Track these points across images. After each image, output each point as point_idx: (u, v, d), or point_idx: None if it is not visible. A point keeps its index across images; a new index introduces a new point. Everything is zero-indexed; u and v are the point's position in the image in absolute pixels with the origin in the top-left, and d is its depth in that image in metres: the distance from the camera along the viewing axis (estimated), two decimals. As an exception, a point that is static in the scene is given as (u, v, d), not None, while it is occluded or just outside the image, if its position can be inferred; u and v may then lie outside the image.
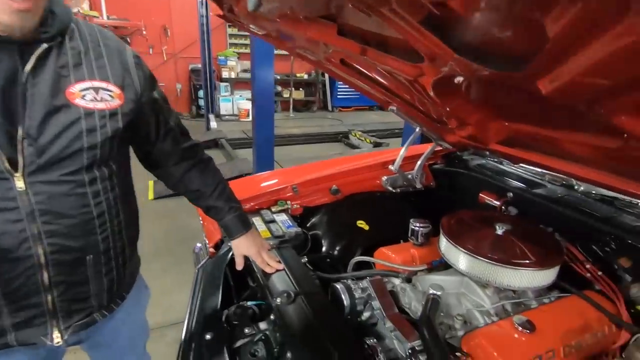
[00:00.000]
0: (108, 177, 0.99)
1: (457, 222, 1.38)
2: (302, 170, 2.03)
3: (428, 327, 0.98)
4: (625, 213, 1.38)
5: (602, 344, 1.14)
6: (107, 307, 1.08)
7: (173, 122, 1.14)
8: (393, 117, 1.93)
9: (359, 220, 1.72)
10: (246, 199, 1.73)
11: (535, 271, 1.12)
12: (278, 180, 1.90)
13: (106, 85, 0.91)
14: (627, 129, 0.79)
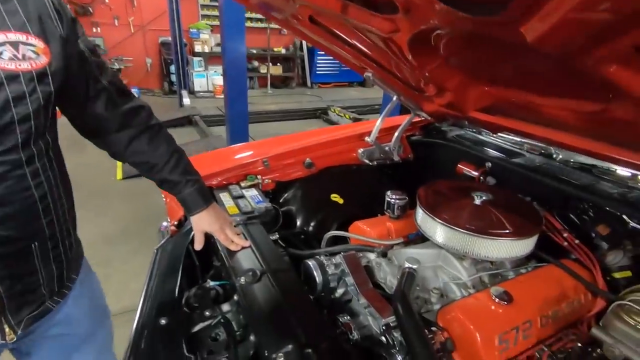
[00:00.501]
0: (45, 153, 0.85)
1: (434, 193, 1.32)
2: (274, 143, 1.92)
3: (402, 302, 0.92)
4: (604, 180, 1.35)
5: (578, 312, 1.12)
6: (58, 293, 0.97)
7: (106, 80, 0.95)
8: (373, 93, 1.85)
9: (333, 194, 1.64)
10: (213, 174, 1.62)
11: (513, 241, 1.08)
12: (249, 153, 1.79)
13: (25, 38, 0.75)
14: (615, 81, 0.72)
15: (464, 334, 0.94)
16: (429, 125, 2.09)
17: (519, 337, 0.97)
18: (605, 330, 0.90)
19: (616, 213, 1.18)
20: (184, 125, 6.30)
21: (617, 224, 1.16)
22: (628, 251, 1.16)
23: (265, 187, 1.71)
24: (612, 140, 1.11)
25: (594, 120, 1.04)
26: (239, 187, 1.58)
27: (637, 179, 1.32)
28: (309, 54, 9.94)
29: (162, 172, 1.08)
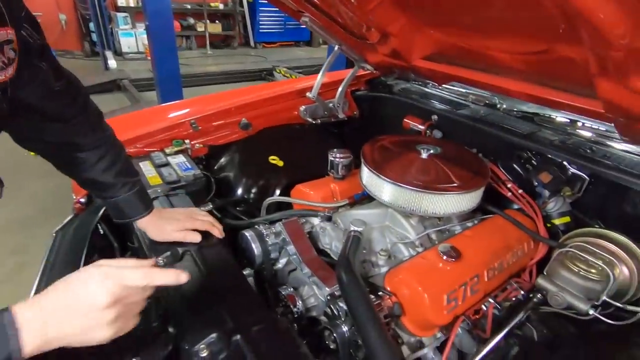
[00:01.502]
0: None
1: (379, 149, 1.22)
2: (204, 102, 1.69)
3: (345, 269, 0.83)
4: (545, 128, 1.34)
5: (522, 261, 1.12)
6: None
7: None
8: (321, 52, 1.67)
9: (272, 156, 1.49)
10: (130, 140, 1.39)
11: (461, 195, 1.02)
12: (177, 114, 1.55)
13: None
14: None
15: (412, 296, 0.88)
16: (375, 79, 1.97)
17: (467, 293, 0.94)
18: (549, 279, 0.89)
19: (557, 160, 1.17)
20: (112, 91, 5.63)
21: (558, 170, 1.15)
22: (567, 197, 1.17)
23: (196, 153, 1.51)
24: (555, 84, 1.07)
25: (539, 62, 0.98)
26: (163, 155, 1.37)
27: (576, 125, 1.32)
28: (250, 10, 9.23)
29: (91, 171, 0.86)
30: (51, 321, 0.51)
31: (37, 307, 0.52)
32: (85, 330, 0.53)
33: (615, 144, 1.20)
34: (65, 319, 0.52)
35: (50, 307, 0.52)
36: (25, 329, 0.49)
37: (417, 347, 0.93)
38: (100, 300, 0.53)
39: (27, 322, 0.50)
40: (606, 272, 0.85)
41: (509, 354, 1.04)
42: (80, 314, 0.53)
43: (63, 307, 0.52)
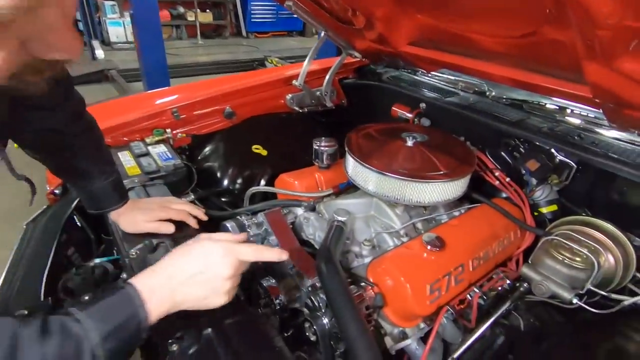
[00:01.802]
0: None
1: (364, 137, 1.19)
2: (186, 90, 1.65)
3: (325, 260, 0.80)
4: (534, 116, 1.31)
5: (508, 250, 1.11)
6: None
7: None
8: (313, 42, 1.61)
9: (255, 145, 1.45)
10: (110, 128, 1.34)
11: (446, 183, 1.00)
12: (157, 103, 1.50)
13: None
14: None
15: (394, 287, 0.86)
16: (364, 67, 1.93)
17: (451, 283, 0.92)
18: (534, 268, 0.87)
19: (545, 147, 1.14)
20: (100, 82, 5.50)
21: (545, 158, 1.13)
22: (555, 185, 1.15)
23: (179, 143, 1.47)
24: (542, 69, 1.04)
25: (525, 46, 0.95)
26: (143, 144, 1.33)
27: (565, 112, 1.30)
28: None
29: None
30: (179, 288, 0.58)
31: (164, 276, 0.58)
32: (208, 297, 0.61)
33: (604, 131, 1.18)
34: (192, 286, 0.59)
35: (178, 276, 0.58)
36: (154, 297, 0.56)
37: (400, 338, 0.91)
38: (224, 271, 0.61)
39: (154, 291, 0.56)
40: (591, 261, 0.83)
41: (495, 344, 1.03)
42: (205, 282, 0.60)
43: (190, 275, 0.59)
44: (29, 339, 0.45)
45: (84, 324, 0.49)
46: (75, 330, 0.48)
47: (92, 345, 0.48)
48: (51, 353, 0.45)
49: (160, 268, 0.60)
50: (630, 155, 1.05)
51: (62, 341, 0.47)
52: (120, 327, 0.52)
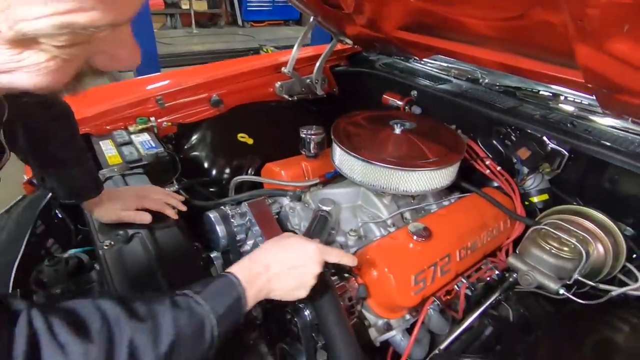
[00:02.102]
0: None
1: (352, 125, 1.16)
2: (171, 77, 1.60)
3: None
4: (527, 103, 1.28)
5: (498, 240, 1.09)
6: None
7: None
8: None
9: (240, 134, 1.42)
10: (92, 117, 1.30)
11: (433, 171, 0.97)
12: (140, 90, 1.46)
13: None
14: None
15: (378, 277, 0.84)
16: (357, 55, 1.89)
17: (437, 274, 0.90)
18: (520, 258, 0.85)
19: (536, 135, 1.12)
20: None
21: (537, 146, 1.10)
22: (546, 174, 1.12)
23: (165, 132, 1.43)
24: (534, 53, 1.01)
25: (515, 29, 0.92)
26: (126, 133, 1.29)
27: (559, 100, 1.26)
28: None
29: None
30: (274, 279, 0.63)
31: (262, 266, 0.63)
32: (295, 289, 0.66)
33: (598, 119, 1.15)
34: (286, 278, 0.64)
35: (274, 267, 0.63)
36: (253, 286, 0.60)
37: (384, 330, 0.90)
38: (315, 269, 0.66)
39: (253, 279, 0.60)
40: (579, 250, 0.81)
41: (483, 335, 1.02)
42: (298, 276, 0.65)
43: (286, 268, 0.64)
44: (164, 309, 0.50)
45: (204, 307, 0.53)
46: (198, 310, 0.53)
47: (212, 326, 0.53)
48: (182, 324, 0.50)
49: (259, 258, 0.64)
50: (623, 143, 1.02)
51: (190, 317, 0.51)
52: (229, 310, 0.56)
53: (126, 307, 0.48)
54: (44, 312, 0.43)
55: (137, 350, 0.45)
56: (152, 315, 0.48)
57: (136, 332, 0.46)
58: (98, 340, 0.43)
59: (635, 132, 1.08)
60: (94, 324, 0.44)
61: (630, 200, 1.00)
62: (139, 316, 0.48)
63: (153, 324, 0.48)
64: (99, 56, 0.40)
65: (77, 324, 0.44)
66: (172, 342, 0.48)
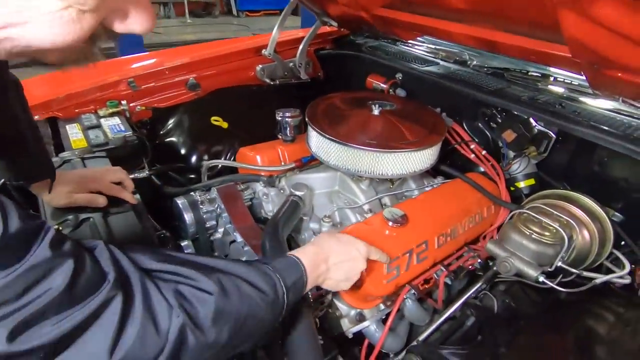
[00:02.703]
0: None
1: (328, 107, 1.10)
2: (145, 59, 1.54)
3: (270, 236, 0.73)
4: (515, 85, 1.22)
5: (481, 227, 1.04)
6: None
7: None
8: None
9: (214, 117, 1.36)
10: (60, 100, 1.24)
11: (411, 153, 0.91)
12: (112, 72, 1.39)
13: None
14: None
15: (348, 265, 0.79)
16: (343, 38, 1.82)
17: (412, 261, 0.85)
18: (499, 244, 0.80)
19: (523, 116, 1.06)
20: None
21: (523, 128, 1.04)
22: (533, 157, 1.07)
23: (139, 116, 1.37)
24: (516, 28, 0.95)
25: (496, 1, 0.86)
26: (95, 117, 1.23)
27: (548, 81, 1.21)
28: (231, -25, 8.74)
29: None
30: (331, 268, 0.67)
31: (323, 255, 0.67)
32: (343, 281, 0.70)
33: (588, 100, 1.09)
34: (339, 270, 0.69)
35: (333, 258, 0.68)
36: (313, 271, 0.63)
37: (357, 320, 0.85)
38: (362, 265, 0.71)
39: (315, 266, 0.64)
40: (560, 235, 0.76)
41: (465, 325, 0.98)
42: (349, 270, 0.70)
43: (342, 261, 0.69)
44: (242, 267, 0.54)
45: (275, 273, 0.56)
46: (271, 274, 0.55)
47: (283, 290, 0.55)
48: (253, 277, 0.53)
49: (322, 248, 0.68)
50: (613, 124, 0.97)
51: (262, 277, 0.54)
52: (294, 284, 0.58)
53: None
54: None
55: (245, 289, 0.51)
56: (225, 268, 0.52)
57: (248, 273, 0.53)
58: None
59: (627, 113, 1.03)
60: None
61: (620, 184, 0.95)
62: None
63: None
64: (115, 14, 0.39)
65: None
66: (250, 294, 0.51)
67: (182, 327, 0.43)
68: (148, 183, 1.25)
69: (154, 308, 0.42)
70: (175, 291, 0.45)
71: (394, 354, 0.93)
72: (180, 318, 0.43)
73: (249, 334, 0.52)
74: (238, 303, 0.49)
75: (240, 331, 0.50)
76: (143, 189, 1.21)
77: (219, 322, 0.47)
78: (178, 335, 0.42)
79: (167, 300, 0.43)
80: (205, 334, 0.45)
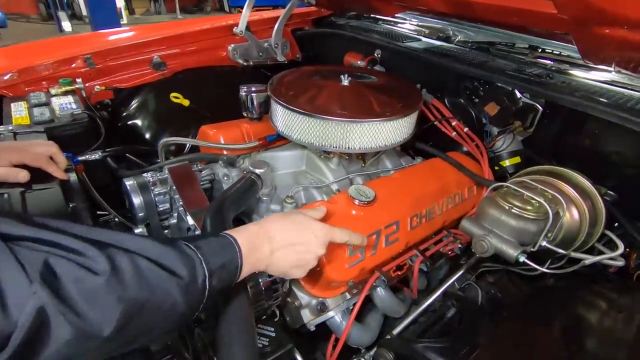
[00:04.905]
0: None
1: (295, 79, 1.01)
2: (106, 36, 1.44)
3: (211, 217, 0.63)
4: (499, 58, 1.13)
5: (461, 208, 0.94)
6: None
7: None
8: None
9: (174, 93, 1.26)
10: (6, 77, 1.14)
11: (381, 123, 0.82)
12: (68, 48, 1.29)
13: None
14: None
15: (306, 247, 0.69)
16: (323, 19, 1.72)
17: (381, 244, 0.75)
18: (475, 221, 0.71)
19: (507, 88, 0.97)
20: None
21: (507, 100, 0.95)
22: (518, 133, 0.98)
23: (99, 97, 1.27)
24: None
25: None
26: (45, 95, 1.13)
27: (535, 53, 1.12)
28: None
29: None
30: (277, 252, 0.58)
31: (266, 236, 0.58)
32: (295, 267, 0.61)
33: (578, 72, 1.01)
34: (289, 254, 0.59)
35: (280, 240, 0.58)
36: (253, 254, 0.55)
37: (319, 311, 0.76)
38: (319, 250, 0.61)
39: (255, 248, 0.56)
40: (544, 210, 0.67)
41: (445, 317, 0.89)
42: (301, 254, 0.60)
43: (291, 243, 0.60)
44: (152, 244, 0.45)
45: (197, 253, 0.48)
46: (191, 254, 0.48)
47: (205, 274, 0.48)
48: (165, 257, 0.45)
49: (265, 228, 0.59)
50: (605, 94, 0.88)
51: (179, 258, 0.46)
52: (222, 267, 0.50)
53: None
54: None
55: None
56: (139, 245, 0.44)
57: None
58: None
59: (620, 85, 0.94)
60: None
61: (612, 159, 0.86)
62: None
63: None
64: None
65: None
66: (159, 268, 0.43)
67: (40, 309, 0.33)
68: (104, 166, 1.16)
69: (1, 280, 0.33)
70: (44, 264, 0.35)
71: (365, 349, 0.85)
72: (40, 297, 0.33)
73: (150, 325, 0.43)
74: (135, 286, 0.40)
75: (135, 320, 0.40)
76: (98, 172, 1.12)
77: (101, 307, 0.37)
78: (34, 319, 0.32)
79: (26, 272, 0.34)
80: (82, 321, 0.35)
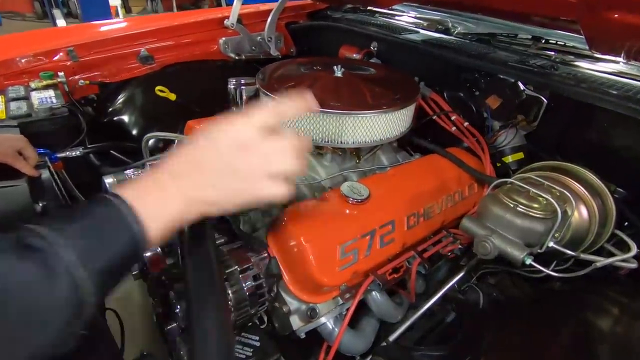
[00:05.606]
0: None
1: (285, 71, 0.96)
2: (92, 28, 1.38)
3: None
4: (501, 50, 1.08)
5: (462, 207, 0.89)
6: None
7: None
8: None
9: (159, 87, 1.21)
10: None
11: (376, 115, 0.77)
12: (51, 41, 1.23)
13: None
14: None
15: (295, 249, 0.64)
16: (318, 12, 1.67)
17: (375, 245, 0.70)
18: (477, 221, 0.66)
19: (509, 80, 0.92)
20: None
21: (510, 92, 0.90)
22: (521, 128, 0.93)
23: (83, 92, 1.22)
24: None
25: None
26: (24, 89, 1.08)
27: (538, 45, 1.07)
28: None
29: None
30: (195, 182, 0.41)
31: (165, 177, 0.41)
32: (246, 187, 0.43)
33: (584, 64, 0.96)
34: (222, 177, 0.42)
35: (185, 168, 0.42)
36: (152, 203, 0.40)
37: (309, 317, 0.70)
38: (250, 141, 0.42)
39: (147, 194, 0.40)
40: (552, 208, 0.62)
41: (444, 322, 0.84)
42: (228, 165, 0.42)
43: (200, 164, 0.42)
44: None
45: (48, 238, 0.34)
46: (38, 246, 0.34)
47: (67, 264, 0.34)
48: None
49: (160, 170, 0.42)
50: (613, 86, 0.83)
51: (16, 260, 0.33)
52: (103, 242, 0.37)
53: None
54: None
55: None
56: None
57: None
58: None
59: (629, 76, 0.89)
60: None
61: (622, 154, 0.81)
62: None
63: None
64: None
65: None
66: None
67: None
68: (87, 163, 1.11)
69: None
70: None
71: (360, 357, 0.80)
72: None
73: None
74: None
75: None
76: (80, 169, 1.07)
77: None
78: None
79: None
80: None
